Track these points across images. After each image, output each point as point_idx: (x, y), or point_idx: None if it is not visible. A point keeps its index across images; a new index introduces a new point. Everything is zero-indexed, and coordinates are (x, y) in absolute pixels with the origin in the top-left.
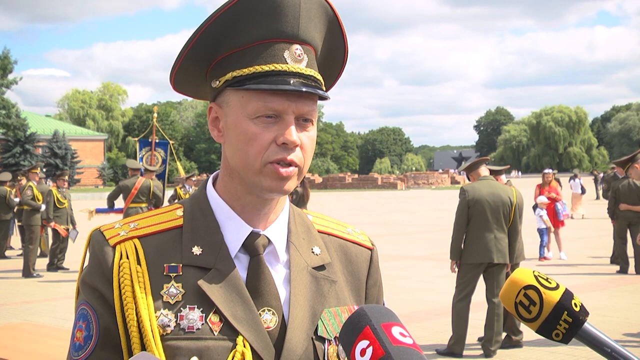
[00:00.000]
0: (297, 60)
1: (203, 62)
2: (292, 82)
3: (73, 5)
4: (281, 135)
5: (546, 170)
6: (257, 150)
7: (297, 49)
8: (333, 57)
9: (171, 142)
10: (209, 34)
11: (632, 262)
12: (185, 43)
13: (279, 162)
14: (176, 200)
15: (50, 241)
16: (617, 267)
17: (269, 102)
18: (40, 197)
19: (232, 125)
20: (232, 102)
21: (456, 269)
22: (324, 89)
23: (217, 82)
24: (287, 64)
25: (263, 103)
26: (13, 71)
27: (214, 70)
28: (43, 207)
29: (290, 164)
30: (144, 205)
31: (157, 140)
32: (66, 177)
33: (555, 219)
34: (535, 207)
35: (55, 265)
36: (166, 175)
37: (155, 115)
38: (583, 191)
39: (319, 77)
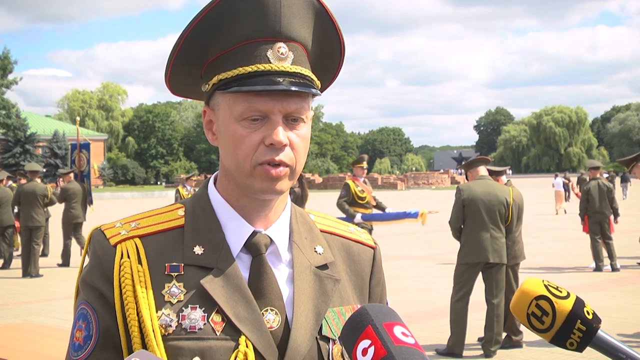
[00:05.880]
0: (280, 58)
1: (195, 66)
2: (280, 81)
3: (76, 6)
4: (268, 136)
5: None
6: (246, 153)
7: (280, 47)
8: (328, 50)
9: (90, 141)
10: (193, 39)
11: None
12: (171, 50)
13: (268, 163)
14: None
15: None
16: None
17: (254, 103)
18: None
19: (223, 128)
20: (221, 105)
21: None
22: (317, 84)
23: (207, 85)
24: (271, 63)
25: (248, 104)
26: (13, 71)
27: (205, 73)
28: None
29: (279, 164)
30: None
31: (81, 142)
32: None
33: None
34: None
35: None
36: (91, 175)
37: (78, 119)
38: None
39: (308, 73)
